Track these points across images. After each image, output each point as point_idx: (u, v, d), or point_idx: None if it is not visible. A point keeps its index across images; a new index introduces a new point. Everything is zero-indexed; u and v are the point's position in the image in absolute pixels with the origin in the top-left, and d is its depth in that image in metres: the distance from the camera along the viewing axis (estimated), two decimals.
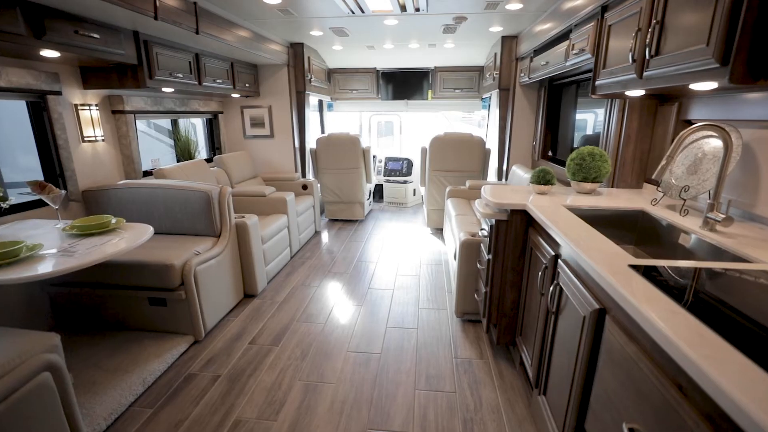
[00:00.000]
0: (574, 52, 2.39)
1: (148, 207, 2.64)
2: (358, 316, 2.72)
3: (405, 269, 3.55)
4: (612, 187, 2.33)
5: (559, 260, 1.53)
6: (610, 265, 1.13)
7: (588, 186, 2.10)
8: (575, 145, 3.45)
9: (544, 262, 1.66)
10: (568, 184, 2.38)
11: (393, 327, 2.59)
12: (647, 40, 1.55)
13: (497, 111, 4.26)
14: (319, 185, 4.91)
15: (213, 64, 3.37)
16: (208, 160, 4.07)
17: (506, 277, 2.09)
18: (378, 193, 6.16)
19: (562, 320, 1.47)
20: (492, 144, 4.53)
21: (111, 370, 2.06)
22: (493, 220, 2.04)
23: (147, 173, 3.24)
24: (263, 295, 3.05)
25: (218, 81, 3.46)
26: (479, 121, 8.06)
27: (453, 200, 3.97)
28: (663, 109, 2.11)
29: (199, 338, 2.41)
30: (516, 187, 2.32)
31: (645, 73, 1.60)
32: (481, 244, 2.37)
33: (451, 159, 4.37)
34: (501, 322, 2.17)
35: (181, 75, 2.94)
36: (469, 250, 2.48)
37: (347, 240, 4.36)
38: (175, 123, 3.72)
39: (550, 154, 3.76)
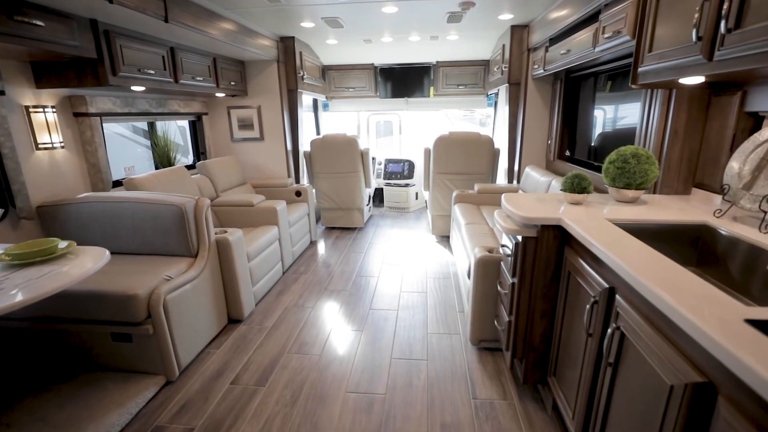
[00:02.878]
0: (606, 35, 2.04)
1: (114, 224, 2.28)
2: (358, 345, 2.37)
3: (410, 284, 3.20)
4: (654, 193, 1.99)
5: (617, 296, 1.18)
6: (716, 319, 0.78)
7: (631, 194, 1.75)
8: (592, 144, 3.10)
9: (593, 295, 1.31)
10: (597, 190, 2.03)
11: (399, 358, 2.24)
12: (724, 10, 1.20)
13: (507, 107, 3.91)
14: (314, 191, 4.56)
15: (192, 60, 3.02)
16: (191, 167, 3.72)
17: (535, 305, 1.74)
18: (378, 197, 5.80)
19: (625, 374, 1.12)
20: (501, 143, 4.18)
21: (60, 425, 1.70)
22: (519, 237, 1.69)
23: (119, 183, 2.88)
24: (250, 319, 2.69)
25: (198, 78, 3.11)
26: (481, 119, 7.73)
27: (461, 206, 3.62)
28: (719, 101, 1.76)
29: (171, 378, 2.05)
30: (542, 196, 1.97)
31: (717, 53, 1.25)
32: (502, 264, 2.01)
33: (457, 160, 4.01)
34: (528, 357, 1.82)
35: (152, 71, 2.58)
36: (486, 268, 2.13)
37: (346, 250, 4.00)
38: (152, 126, 3.36)
39: (567, 153, 3.41)
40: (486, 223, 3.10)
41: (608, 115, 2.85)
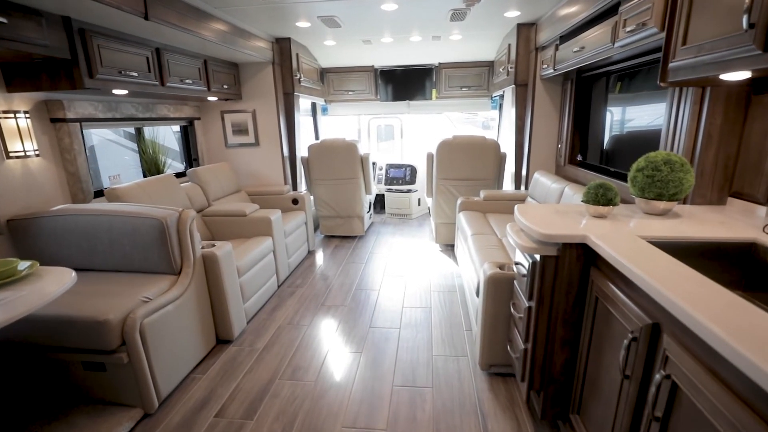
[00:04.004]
0: (628, 29, 1.85)
1: (90, 239, 2.10)
2: (356, 370, 2.17)
3: (413, 299, 2.99)
4: (684, 203, 1.78)
5: (664, 335, 0.97)
6: None
7: (662, 205, 1.55)
8: (605, 148, 2.91)
9: (630, 330, 1.10)
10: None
11: (401, 386, 2.03)
12: None
13: (513, 110, 3.72)
14: (312, 198, 4.38)
15: (180, 62, 2.84)
16: (181, 174, 3.54)
17: (555, 332, 1.53)
18: (379, 203, 5.61)
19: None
20: (507, 148, 3.99)
21: None
22: (537, 256, 1.49)
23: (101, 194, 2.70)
24: (241, 339, 2.49)
25: (187, 81, 2.93)
26: (484, 122, 7.53)
27: (466, 214, 3.42)
28: (762, 100, 1.56)
29: (149, 410, 1.85)
30: (560, 207, 1.77)
31: None
32: (516, 283, 1.81)
33: (461, 166, 3.82)
34: (547, 390, 1.61)
35: (135, 74, 2.41)
36: (497, 287, 1.93)
37: (345, 261, 3.81)
38: (139, 132, 3.19)
39: (579, 158, 3.21)
40: (494, 234, 2.90)
41: (624, 117, 2.66)
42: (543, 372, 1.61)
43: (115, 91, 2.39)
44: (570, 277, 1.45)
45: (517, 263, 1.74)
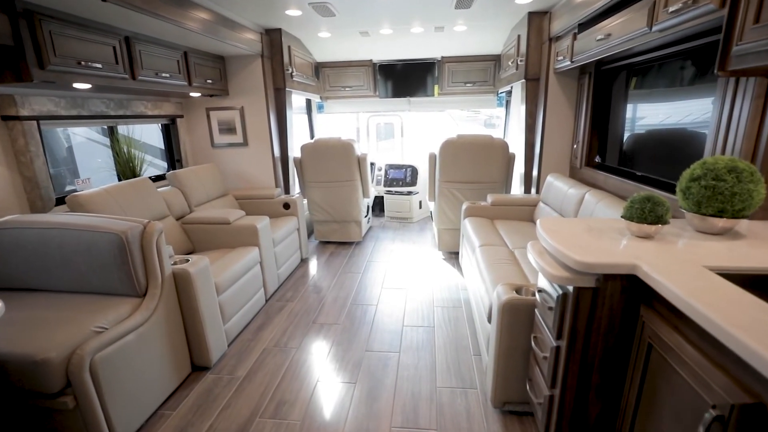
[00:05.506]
0: (672, 8, 1.55)
1: (41, 256, 1.81)
2: (349, 405, 1.88)
3: (414, 316, 2.71)
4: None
5: None
6: None
7: (721, 223, 1.25)
8: (626, 148, 2.62)
9: (712, 405, 0.81)
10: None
11: (401, 427, 1.74)
12: None
13: (523, 107, 3.42)
14: (305, 202, 4.09)
15: (154, 53, 2.55)
16: (159, 177, 3.25)
17: (590, 379, 1.25)
18: (378, 206, 5.31)
19: None
20: (515, 148, 3.69)
21: None
22: (570, 287, 1.20)
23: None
24: (220, 366, 2.21)
25: (164, 75, 2.64)
26: (486, 119, 7.23)
27: (472, 221, 3.13)
28: None
29: None
30: (592, 222, 1.47)
31: None
32: (538, 313, 1.52)
33: (467, 167, 3.52)
34: None
35: (99, 65, 2.12)
36: (514, 315, 1.64)
37: (340, 270, 3.52)
38: (112, 131, 2.89)
39: (598, 160, 2.91)
40: (504, 245, 2.61)
41: (655, 113, 2.36)
42: (572, 425, 1.33)
43: (76, 85, 2.10)
44: (612, 314, 1.16)
45: (540, 290, 1.45)
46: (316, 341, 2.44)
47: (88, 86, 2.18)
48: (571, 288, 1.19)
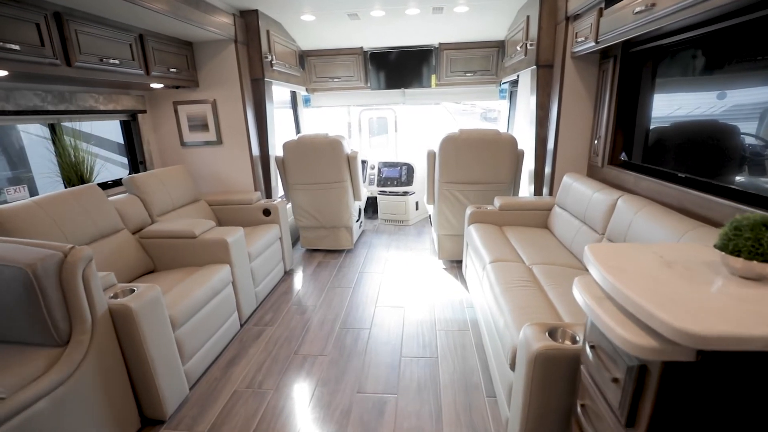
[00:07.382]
0: None
1: None
2: None
3: (413, 343, 2.31)
4: None
5: None
6: None
7: None
8: (665, 143, 2.24)
9: None
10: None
11: None
12: None
13: (533, 97, 3.03)
14: (289, 206, 3.67)
15: (97, 33, 2.11)
16: (114, 183, 2.80)
17: None
18: (372, 207, 4.90)
19: None
20: (523, 144, 3.29)
21: None
22: (657, 362, 0.80)
23: None
24: (178, 417, 1.80)
25: (112, 62, 2.20)
26: (483, 113, 6.81)
27: (478, 228, 2.74)
28: None
29: None
30: (667, 251, 1.08)
31: None
32: (586, 372, 1.12)
33: (470, 166, 3.12)
34: None
35: (17, 47, 1.68)
36: (550, 369, 1.25)
37: (329, 284, 3.12)
38: (54, 130, 2.45)
39: (624, 157, 2.52)
40: (520, 260, 2.22)
41: (710, 102, 1.97)
42: None
43: None
44: (716, 400, 0.77)
45: (592, 347, 1.05)
46: (297, 380, 2.03)
47: (4, 73, 1.74)
48: (659, 363, 0.79)
